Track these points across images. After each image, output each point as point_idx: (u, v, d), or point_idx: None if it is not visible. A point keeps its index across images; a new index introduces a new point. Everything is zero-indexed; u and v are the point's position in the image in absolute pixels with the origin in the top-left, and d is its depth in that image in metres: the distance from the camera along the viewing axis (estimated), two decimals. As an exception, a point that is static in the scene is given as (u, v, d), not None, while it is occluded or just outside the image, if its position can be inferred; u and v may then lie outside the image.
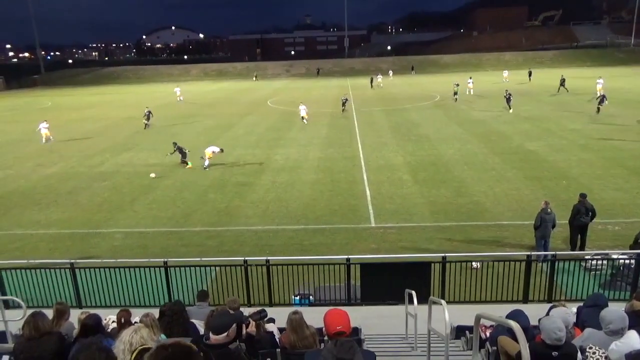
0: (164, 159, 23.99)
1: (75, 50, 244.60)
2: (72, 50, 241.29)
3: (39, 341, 5.01)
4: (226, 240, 14.31)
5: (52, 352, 4.95)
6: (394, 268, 10.27)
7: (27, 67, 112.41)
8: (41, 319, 5.13)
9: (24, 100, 59.30)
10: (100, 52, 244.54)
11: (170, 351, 1.97)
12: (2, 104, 56.55)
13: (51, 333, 5.15)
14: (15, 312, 8.08)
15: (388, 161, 22.42)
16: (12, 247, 14.31)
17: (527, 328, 4.87)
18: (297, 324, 5.40)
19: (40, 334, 5.04)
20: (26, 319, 5.21)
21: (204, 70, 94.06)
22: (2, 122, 39.33)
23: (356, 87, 58.64)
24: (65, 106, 50.91)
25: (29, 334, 5.05)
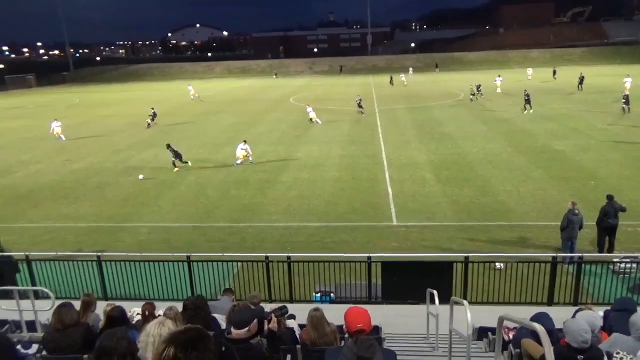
0: (188, 155, 24.29)
1: (103, 48, 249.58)
2: (99, 48, 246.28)
3: (66, 332, 5.15)
4: (248, 237, 14.44)
5: (79, 342, 5.09)
6: (416, 267, 10.20)
7: (56, 64, 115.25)
8: (67, 310, 5.27)
9: (54, 97, 60.83)
10: (127, 50, 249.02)
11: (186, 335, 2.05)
12: (33, 100, 58.13)
13: (78, 324, 5.30)
14: (44, 302, 8.30)
15: (411, 159, 22.25)
16: (42, 239, 14.73)
17: (552, 331, 4.78)
18: (318, 321, 5.42)
19: (66, 325, 5.18)
20: (54, 310, 5.37)
21: (227, 68, 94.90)
22: (33, 118, 40.43)
23: (379, 85, 58.31)
24: (92, 103, 52.07)
25: (56, 324, 5.21)
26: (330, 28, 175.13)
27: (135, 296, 10.41)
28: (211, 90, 56.78)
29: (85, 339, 5.17)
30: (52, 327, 5.32)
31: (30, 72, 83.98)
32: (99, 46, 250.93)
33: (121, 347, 2.77)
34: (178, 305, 6.20)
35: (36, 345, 5.59)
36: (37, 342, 5.70)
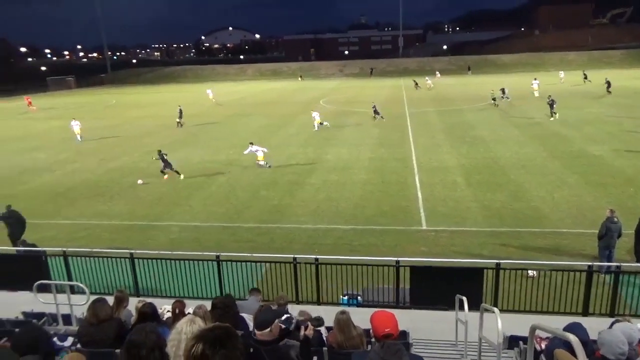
0: (219, 156, 24.71)
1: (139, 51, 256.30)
2: (136, 50, 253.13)
3: (100, 326, 5.30)
4: (276, 238, 14.53)
5: (112, 337, 5.23)
6: (445, 272, 10.04)
7: (95, 66, 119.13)
8: (102, 305, 5.43)
9: (92, 98, 62.80)
10: (162, 53, 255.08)
11: (215, 333, 2.08)
12: (72, 101, 60.18)
13: (112, 319, 5.45)
14: (80, 297, 8.57)
15: (441, 163, 21.96)
16: (78, 235, 15.21)
17: (587, 342, 4.62)
18: (345, 324, 5.41)
19: (101, 320, 5.33)
20: (89, 304, 5.53)
21: (259, 70, 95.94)
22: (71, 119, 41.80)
23: (410, 88, 57.81)
24: (128, 104, 53.51)
25: (91, 319, 5.37)
26: (362, 30, 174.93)
27: (165, 294, 10.63)
28: (242, 92, 57.56)
29: (118, 334, 5.31)
30: (86, 321, 5.48)
31: (70, 74, 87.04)
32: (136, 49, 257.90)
33: (150, 340, 2.84)
34: (206, 304, 6.30)
35: (71, 338, 5.77)
36: (72, 335, 5.89)
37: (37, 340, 2.83)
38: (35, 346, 2.74)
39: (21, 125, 39.44)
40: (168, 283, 10.70)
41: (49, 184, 21.27)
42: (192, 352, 2.03)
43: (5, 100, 63.03)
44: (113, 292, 7.65)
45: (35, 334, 2.94)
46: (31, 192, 20.23)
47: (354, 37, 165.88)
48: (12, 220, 13.71)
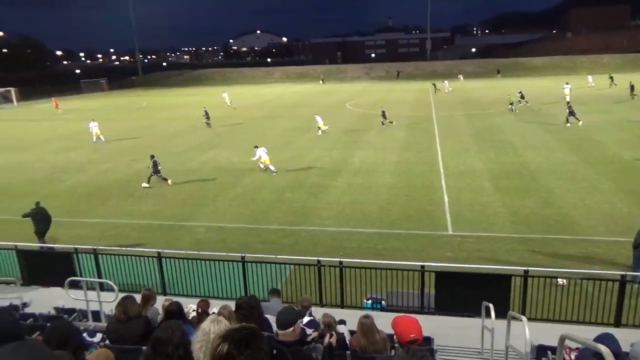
0: (245, 157, 24.94)
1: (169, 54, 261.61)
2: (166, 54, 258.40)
3: (128, 324, 5.41)
4: (301, 240, 14.57)
5: (139, 334, 5.33)
6: (471, 278, 9.89)
7: (126, 69, 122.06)
8: (131, 303, 5.54)
9: (123, 100, 64.33)
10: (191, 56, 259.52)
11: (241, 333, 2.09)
12: (105, 102, 61.78)
13: (139, 317, 5.56)
14: (109, 294, 8.78)
15: (469, 167, 21.64)
16: (108, 234, 15.59)
17: (619, 354, 4.48)
18: (368, 328, 5.38)
19: (129, 317, 5.45)
20: (118, 302, 5.66)
21: (286, 73, 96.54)
22: (104, 120, 42.87)
23: (442, 89, 57.20)
24: (158, 106, 54.59)
25: (120, 316, 5.48)
26: (389, 33, 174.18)
27: (191, 293, 10.78)
28: (269, 95, 58.04)
29: (145, 332, 5.41)
30: (115, 318, 5.60)
31: (103, 76, 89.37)
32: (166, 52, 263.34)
33: (175, 338, 2.88)
34: (231, 304, 6.36)
35: (100, 334, 5.92)
36: (101, 332, 6.03)
37: (67, 336, 2.91)
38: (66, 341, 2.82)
39: (57, 126, 40.70)
40: (194, 283, 10.86)
41: (82, 184, 21.87)
42: (218, 351, 2.05)
43: (42, 102, 65.15)
44: (140, 290, 7.82)
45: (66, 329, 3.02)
46: (65, 191, 20.85)
47: (380, 40, 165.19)
48: (39, 217, 14.22)
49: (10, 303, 9.50)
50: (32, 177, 23.27)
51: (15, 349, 2.00)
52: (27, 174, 24.00)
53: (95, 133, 31.83)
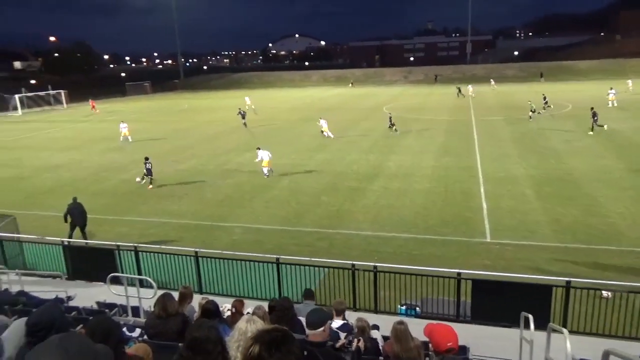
0: (282, 160, 25.19)
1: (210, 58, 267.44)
2: (207, 57, 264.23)
3: (166, 320, 5.56)
4: (336, 243, 14.57)
5: (176, 331, 5.46)
6: (510, 288, 9.60)
7: (169, 72, 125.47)
8: (169, 300, 5.69)
9: (166, 103, 66.17)
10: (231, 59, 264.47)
11: (272, 335, 2.11)
12: (148, 105, 63.69)
13: (177, 314, 5.69)
14: (148, 291, 9.02)
15: (509, 173, 21.09)
16: (148, 232, 16.06)
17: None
18: (402, 334, 5.31)
19: (168, 314, 5.59)
20: (157, 298, 5.81)
21: (323, 77, 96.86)
22: (147, 122, 44.32)
23: (477, 94, 56.08)
24: (199, 109, 55.86)
25: (158, 312, 5.63)
26: (428, 37, 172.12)
27: (226, 292, 10.95)
28: (306, 98, 58.40)
29: (182, 329, 5.54)
30: (154, 315, 5.76)
31: (146, 79, 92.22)
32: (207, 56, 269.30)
33: (213, 335, 2.93)
34: (265, 305, 6.43)
35: (139, 330, 6.09)
36: (140, 327, 6.21)
37: (110, 331, 3.01)
38: (108, 336, 2.92)
39: (103, 128, 42.25)
40: (229, 282, 11.02)
41: (125, 183, 22.62)
42: (249, 352, 2.08)
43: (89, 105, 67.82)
44: (177, 288, 8.00)
45: (109, 324, 3.13)
46: (110, 189, 21.63)
47: (419, 43, 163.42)
48: (76, 212, 14.91)
49: (56, 296, 9.93)
50: (80, 176, 24.25)
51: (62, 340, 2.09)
52: (75, 172, 25.04)
53: (124, 134, 33.28)
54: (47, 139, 36.70)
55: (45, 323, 3.14)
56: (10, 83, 71.38)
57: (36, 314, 3.34)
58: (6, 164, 27.85)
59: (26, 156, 30.06)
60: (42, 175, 24.81)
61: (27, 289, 10.21)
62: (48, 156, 29.68)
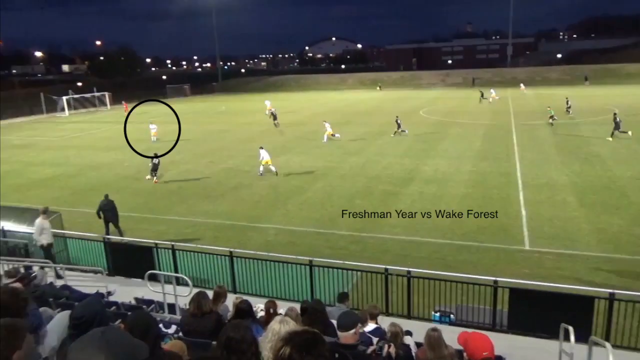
0: (316, 162, 25.30)
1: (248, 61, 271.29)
2: (245, 60, 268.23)
3: (201, 318, 5.67)
4: (369, 247, 14.49)
5: (210, 329, 5.57)
6: (549, 298, 9.29)
7: (207, 75, 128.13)
8: (204, 299, 5.80)
9: (204, 105, 67.59)
10: (268, 62, 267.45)
11: (303, 337, 2.12)
12: (187, 107, 65.21)
13: (211, 312, 5.80)
14: (184, 289, 9.23)
15: (550, 180, 20.44)
16: (185, 231, 16.42)
17: None
18: (436, 342, 5.23)
19: (202, 313, 5.70)
20: (192, 296, 5.94)
21: (359, 80, 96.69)
22: (186, 123, 45.30)
23: (517, 98, 54.71)
24: (236, 111, 56.80)
25: (194, 310, 5.76)
26: (467, 39, 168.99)
27: (258, 292, 11.06)
28: (342, 101, 58.40)
29: (216, 327, 5.64)
30: (189, 312, 5.89)
31: (186, 82, 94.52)
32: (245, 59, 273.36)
33: (248, 336, 2.97)
34: (297, 307, 6.46)
35: (174, 326, 6.24)
36: (175, 324, 6.36)
37: (149, 327, 3.09)
38: (147, 332, 3.00)
39: (144, 129, 43.54)
40: (262, 283, 11.13)
41: (164, 183, 23.22)
42: (280, 353, 2.09)
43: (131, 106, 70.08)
44: (212, 287, 8.15)
45: (148, 320, 3.22)
46: (149, 189, 22.25)
47: (458, 46, 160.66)
48: (108, 209, 15.41)
49: (97, 291, 10.28)
50: (121, 175, 25.07)
51: (104, 333, 2.18)
52: (117, 171, 25.90)
53: (154, 134, 34.71)
54: (92, 139, 38.13)
55: (88, 316, 3.26)
56: (58, 85, 74.59)
57: (80, 307, 3.47)
58: (54, 163, 29.10)
59: (72, 155, 31.34)
60: (87, 174, 25.79)
61: (70, 283, 10.63)
62: (92, 155, 30.85)
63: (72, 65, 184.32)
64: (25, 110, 60.44)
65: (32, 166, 28.38)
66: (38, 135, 42.10)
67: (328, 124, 32.23)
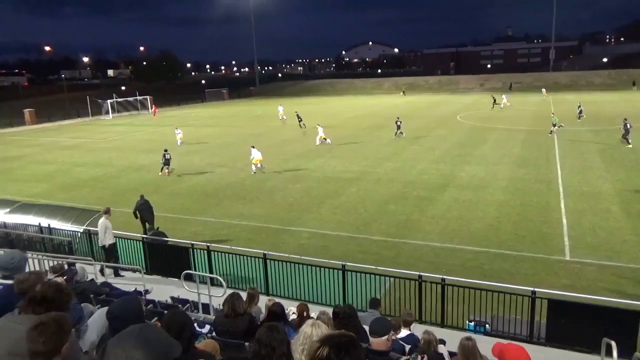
0: (351, 167, 25.28)
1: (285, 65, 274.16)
2: (282, 65, 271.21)
3: (234, 319, 5.76)
4: (402, 253, 14.34)
5: (243, 331, 5.64)
6: (591, 311, 8.94)
7: (245, 80, 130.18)
8: (238, 300, 5.89)
9: (241, 109, 68.70)
10: (305, 67, 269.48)
11: (341, 339, 2.13)
12: (225, 110, 66.48)
13: (244, 314, 5.88)
14: (218, 289, 9.39)
15: (593, 188, 19.70)
16: (220, 233, 16.71)
17: None
18: (470, 352, 5.13)
19: (236, 314, 5.78)
20: (226, 298, 6.03)
21: (395, 84, 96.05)
22: (224, 127, 46.27)
23: (559, 103, 53.02)
24: (271, 115, 57.35)
25: (227, 311, 5.85)
26: (507, 43, 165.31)
27: (290, 295, 11.11)
28: (378, 105, 58.14)
29: (249, 328, 5.71)
30: (223, 313, 5.99)
31: (224, 86, 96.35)
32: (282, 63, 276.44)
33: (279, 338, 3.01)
34: (328, 310, 6.46)
35: (208, 326, 6.35)
36: (209, 324, 6.47)
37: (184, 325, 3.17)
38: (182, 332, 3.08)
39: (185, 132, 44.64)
40: (294, 286, 11.18)
41: (201, 185, 23.72)
42: (318, 354, 2.11)
43: (172, 110, 72.04)
44: (245, 288, 8.26)
45: (183, 319, 3.30)
46: (187, 190, 22.78)
47: (498, 50, 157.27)
48: (144, 208, 15.79)
49: (135, 288, 10.59)
50: (161, 177, 25.73)
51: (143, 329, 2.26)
52: (157, 173, 26.62)
53: (180, 138, 35.81)
54: (133, 141, 39.35)
55: (126, 313, 3.37)
56: (103, 89, 77.49)
57: (120, 304, 3.59)
58: (98, 163, 30.21)
59: (115, 156, 32.45)
60: (128, 175, 26.65)
61: (110, 281, 10.99)
62: (134, 157, 31.85)
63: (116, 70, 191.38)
64: (73, 113, 63.05)
65: (78, 166, 29.56)
66: (83, 137, 43.82)
67: (321, 128, 32.94)
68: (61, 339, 2.73)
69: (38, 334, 2.60)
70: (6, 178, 27.29)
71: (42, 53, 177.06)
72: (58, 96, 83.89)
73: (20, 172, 28.82)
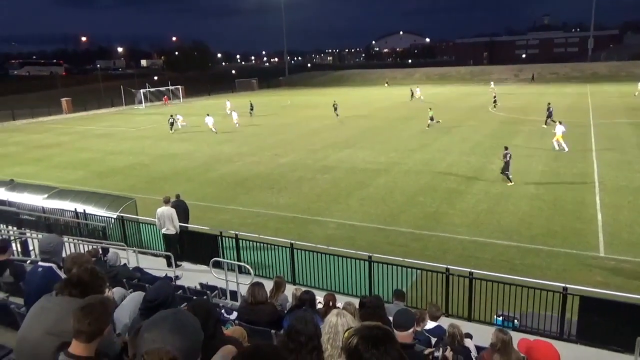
0: (379, 157, 25.11)
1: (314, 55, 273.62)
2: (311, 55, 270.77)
3: (256, 307, 5.87)
4: (430, 245, 14.22)
5: (265, 319, 5.74)
6: (625, 309, 8.68)
7: (275, 70, 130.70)
8: (259, 289, 5.99)
9: (271, 99, 69.01)
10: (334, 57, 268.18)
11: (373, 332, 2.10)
12: (254, 100, 66.80)
13: (266, 303, 5.98)
14: (246, 277, 9.54)
15: (631, 183, 19.03)
16: (249, 221, 16.92)
17: None
18: (506, 345, 5.05)
19: (257, 302, 5.89)
20: (248, 287, 6.15)
21: (426, 74, 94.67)
22: (252, 116, 46.51)
23: (597, 94, 51.21)
24: (300, 105, 57.53)
25: (249, 299, 5.97)
26: (544, 32, 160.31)
27: (317, 285, 11.18)
28: (406, 96, 57.37)
29: (271, 317, 5.81)
30: (245, 301, 6.10)
31: (254, 76, 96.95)
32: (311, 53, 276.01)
33: (309, 329, 3.04)
34: (354, 301, 6.48)
35: (236, 313, 6.48)
36: (237, 310, 6.60)
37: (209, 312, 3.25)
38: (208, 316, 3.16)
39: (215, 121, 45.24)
40: (321, 276, 11.25)
41: (231, 174, 24.03)
42: (348, 343, 2.10)
43: (202, 99, 73.02)
44: (272, 276, 8.36)
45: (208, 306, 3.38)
46: (217, 179, 23.13)
47: (534, 39, 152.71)
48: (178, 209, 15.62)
49: (165, 274, 10.88)
50: (192, 165, 26.22)
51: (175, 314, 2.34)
52: (188, 162, 27.11)
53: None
54: (166, 130, 40.09)
55: (161, 298, 3.48)
56: (137, 79, 79.08)
57: (154, 289, 3.71)
58: (131, 152, 30.97)
59: (148, 145, 33.18)
60: (160, 163, 27.21)
61: (142, 266, 11.31)
62: (166, 146, 32.49)
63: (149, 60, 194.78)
64: (107, 102, 64.64)
65: (112, 155, 30.37)
66: (117, 126, 44.93)
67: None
68: (106, 321, 2.84)
69: (84, 315, 2.72)
70: (46, 165, 28.30)
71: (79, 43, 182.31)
72: (93, 85, 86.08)
73: (58, 159, 29.83)
